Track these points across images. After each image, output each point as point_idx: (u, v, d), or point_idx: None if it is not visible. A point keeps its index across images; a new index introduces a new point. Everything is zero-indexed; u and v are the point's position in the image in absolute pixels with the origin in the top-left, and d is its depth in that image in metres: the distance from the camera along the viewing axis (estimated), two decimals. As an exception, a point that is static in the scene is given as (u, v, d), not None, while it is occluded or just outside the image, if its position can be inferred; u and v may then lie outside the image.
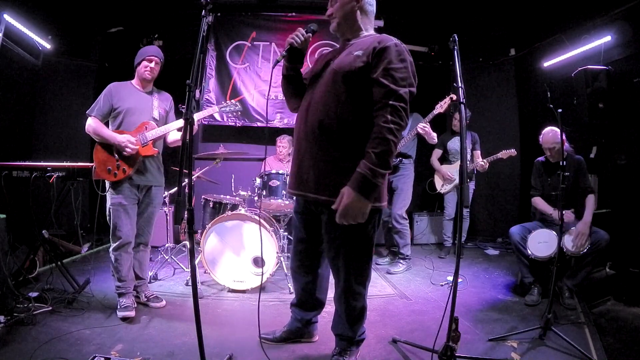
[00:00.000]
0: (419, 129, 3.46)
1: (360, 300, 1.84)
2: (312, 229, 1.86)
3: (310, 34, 1.78)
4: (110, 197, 2.46)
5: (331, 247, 1.77)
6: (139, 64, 2.53)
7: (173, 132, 2.64)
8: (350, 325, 1.88)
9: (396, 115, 1.54)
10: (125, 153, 2.39)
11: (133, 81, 2.59)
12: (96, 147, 2.45)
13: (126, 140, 2.38)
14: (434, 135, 3.60)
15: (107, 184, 2.48)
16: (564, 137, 2.43)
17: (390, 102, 1.55)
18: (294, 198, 1.96)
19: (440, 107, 3.46)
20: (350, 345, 1.91)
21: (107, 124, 2.52)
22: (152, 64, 2.52)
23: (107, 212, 2.48)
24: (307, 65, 4.27)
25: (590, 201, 2.82)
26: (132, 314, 2.39)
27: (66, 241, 3.74)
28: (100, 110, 2.46)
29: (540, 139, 3.02)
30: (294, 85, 1.90)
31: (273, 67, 1.76)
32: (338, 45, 1.89)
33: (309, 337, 2.16)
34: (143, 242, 2.64)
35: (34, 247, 2.84)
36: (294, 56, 1.84)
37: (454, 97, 3.42)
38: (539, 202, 3.06)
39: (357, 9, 1.76)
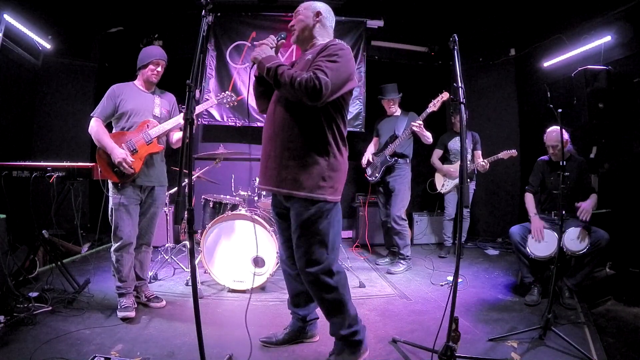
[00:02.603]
0: (413, 127, 3.47)
1: (329, 292, 1.83)
2: (287, 220, 1.95)
3: (283, 40, 1.92)
4: (112, 197, 2.46)
5: (294, 236, 1.87)
6: (145, 66, 2.50)
7: (176, 131, 2.64)
8: (327, 316, 1.91)
9: (309, 82, 1.60)
10: (122, 169, 2.39)
11: (136, 82, 2.58)
12: (99, 152, 2.43)
13: (122, 159, 2.36)
14: (429, 134, 3.60)
15: (110, 185, 2.48)
16: (565, 137, 2.43)
17: (312, 71, 1.64)
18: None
19: (434, 105, 3.46)
20: (345, 347, 1.89)
21: (110, 125, 2.51)
22: (159, 68, 2.52)
23: (109, 213, 2.48)
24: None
25: (594, 197, 2.88)
26: (132, 314, 2.39)
27: (66, 241, 3.74)
28: (104, 112, 2.45)
29: (545, 137, 3.03)
30: (264, 88, 1.99)
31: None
32: None
33: (310, 337, 2.16)
34: (145, 243, 2.64)
35: (34, 247, 2.84)
36: None
37: (447, 94, 3.42)
38: (528, 199, 3.10)
39: (316, 23, 1.93)
